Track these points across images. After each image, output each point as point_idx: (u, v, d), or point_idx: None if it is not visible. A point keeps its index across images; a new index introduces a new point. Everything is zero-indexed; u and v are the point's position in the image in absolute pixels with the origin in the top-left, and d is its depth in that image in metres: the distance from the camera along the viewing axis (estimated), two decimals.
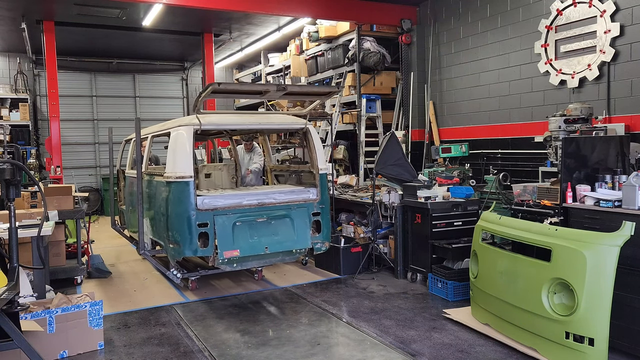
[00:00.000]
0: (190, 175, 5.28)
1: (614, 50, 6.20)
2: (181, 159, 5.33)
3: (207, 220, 5.26)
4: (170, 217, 5.31)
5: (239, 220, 5.40)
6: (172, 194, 5.30)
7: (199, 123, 5.41)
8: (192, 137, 5.39)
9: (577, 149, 4.82)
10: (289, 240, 5.59)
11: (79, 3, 9.17)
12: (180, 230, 5.22)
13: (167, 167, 5.48)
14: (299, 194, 5.85)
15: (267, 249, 5.43)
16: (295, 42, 11.40)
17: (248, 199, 5.56)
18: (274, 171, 7.44)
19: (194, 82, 15.50)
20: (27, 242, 5.00)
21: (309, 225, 5.76)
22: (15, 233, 3.63)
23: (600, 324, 3.63)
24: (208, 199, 5.38)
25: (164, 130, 6.04)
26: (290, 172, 6.91)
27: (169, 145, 5.56)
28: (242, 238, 5.35)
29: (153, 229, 5.92)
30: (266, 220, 5.54)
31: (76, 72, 14.19)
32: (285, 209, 5.66)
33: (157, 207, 5.71)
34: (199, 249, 5.22)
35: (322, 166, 6.01)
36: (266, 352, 4.37)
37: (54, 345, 4.29)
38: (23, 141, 12.41)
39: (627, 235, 3.65)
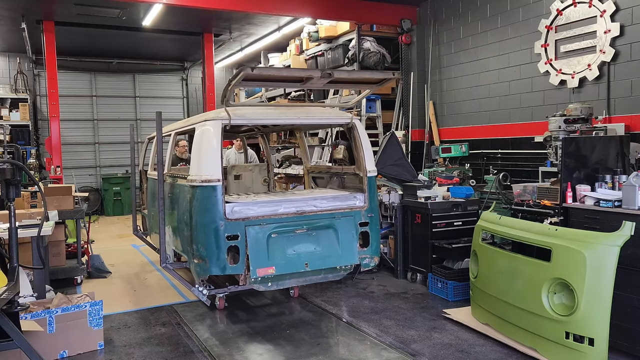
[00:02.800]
0: (218, 178, 4.55)
1: (614, 50, 6.20)
2: (207, 159, 4.63)
3: (237, 231, 4.57)
4: (195, 228, 4.63)
5: (275, 231, 4.70)
6: (196, 201, 4.61)
7: (227, 117, 4.69)
8: (220, 134, 4.65)
9: (577, 149, 4.82)
10: (332, 255, 4.87)
11: (79, 3, 9.17)
12: (206, 243, 4.55)
13: (191, 168, 4.81)
14: (343, 200, 5.09)
15: (307, 266, 4.73)
16: (295, 42, 11.39)
17: (285, 207, 4.83)
18: (312, 173, 6.64)
19: (194, 82, 15.51)
20: (27, 242, 5.00)
21: (355, 238, 5.02)
22: (15, 233, 3.62)
23: (600, 324, 3.63)
24: (239, 207, 4.67)
25: (188, 127, 5.45)
26: (331, 174, 6.10)
27: (193, 144, 4.90)
28: (278, 253, 4.66)
29: (176, 239, 5.28)
30: (306, 231, 4.82)
31: (76, 72, 14.19)
32: (328, 219, 4.94)
33: (180, 215, 5.03)
34: (228, 265, 4.55)
35: (370, 168, 5.24)
36: (266, 352, 4.37)
37: (54, 345, 4.29)
38: (23, 141, 12.41)
39: (627, 235, 3.65)
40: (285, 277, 4.77)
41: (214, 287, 5.18)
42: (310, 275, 4.89)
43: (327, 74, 4.39)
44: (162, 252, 5.09)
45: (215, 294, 5.30)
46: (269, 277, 4.64)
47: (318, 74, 4.42)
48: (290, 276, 4.78)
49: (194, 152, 4.84)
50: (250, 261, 4.56)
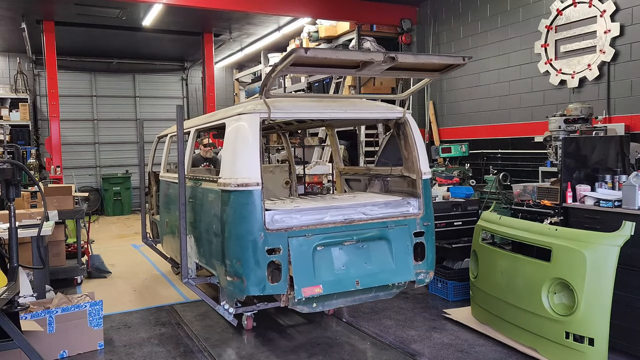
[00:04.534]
0: (258, 182, 3.93)
1: (614, 50, 6.21)
2: (244, 159, 4.01)
3: (278, 244, 3.96)
4: (228, 240, 4.02)
5: (321, 243, 4.09)
6: (230, 208, 3.99)
7: (267, 110, 4.04)
8: (258, 129, 4.04)
9: (577, 149, 4.82)
10: (386, 270, 4.25)
11: (79, 3, 9.17)
12: (243, 258, 3.94)
13: (222, 170, 4.19)
14: (396, 206, 4.45)
15: (358, 284, 4.11)
16: (295, 42, 11.40)
17: (332, 215, 4.19)
18: (345, 175, 5.94)
19: (194, 82, 15.51)
20: (27, 242, 5.00)
21: (410, 250, 4.39)
22: (15, 233, 3.63)
23: (600, 324, 3.63)
24: (280, 215, 4.04)
25: (216, 122, 4.73)
26: (371, 176, 5.44)
27: (224, 142, 4.28)
28: (325, 269, 4.06)
29: (200, 252, 4.67)
30: (356, 243, 4.21)
31: (76, 72, 14.20)
32: (380, 228, 4.31)
33: (207, 224, 4.42)
34: (268, 284, 3.94)
35: (425, 169, 4.56)
36: (266, 353, 4.37)
37: (54, 345, 4.29)
38: (23, 141, 12.41)
39: (627, 235, 3.65)
40: (333, 297, 4.16)
41: (241, 305, 4.61)
42: (361, 294, 4.27)
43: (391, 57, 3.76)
44: (184, 267, 4.45)
45: (243, 312, 4.71)
46: (315, 298, 4.05)
47: (380, 57, 3.75)
48: (338, 296, 4.18)
49: (226, 151, 4.24)
50: (295, 279, 3.94)
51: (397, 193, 4.86)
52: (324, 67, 3.90)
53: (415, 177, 4.57)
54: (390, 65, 3.89)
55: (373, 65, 3.91)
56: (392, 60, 3.79)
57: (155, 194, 6.92)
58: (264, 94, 4.08)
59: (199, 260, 4.73)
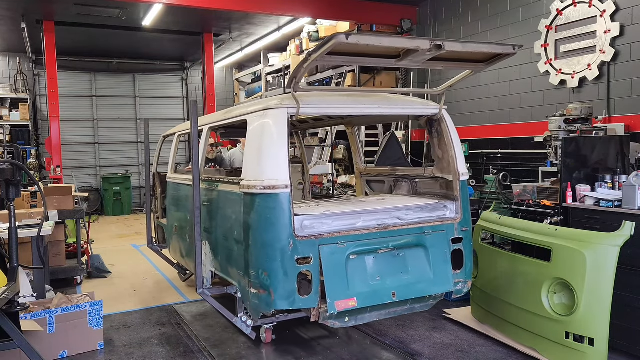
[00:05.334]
0: (286, 184, 3.58)
1: (614, 50, 6.21)
2: (271, 159, 3.65)
3: (309, 252, 3.62)
4: (253, 248, 3.68)
5: (354, 252, 3.76)
6: (256, 213, 3.65)
7: (296, 105, 3.71)
8: (286, 126, 3.68)
9: (577, 149, 4.82)
10: (423, 280, 3.93)
11: (79, 3, 9.17)
12: (271, 268, 3.59)
13: (246, 171, 3.82)
14: (432, 210, 4.13)
15: (394, 295, 3.79)
16: (295, 42, 11.41)
17: (364, 220, 3.86)
18: (366, 176, 5.62)
19: (194, 82, 15.52)
20: (27, 242, 5.00)
21: (449, 258, 4.09)
22: (15, 233, 3.62)
23: (600, 324, 3.63)
24: (310, 220, 3.70)
25: (233, 119, 4.38)
26: (397, 177, 5.15)
27: (247, 140, 3.93)
28: (359, 280, 3.73)
29: (217, 260, 4.35)
30: (391, 251, 3.89)
31: (76, 72, 14.21)
32: (417, 234, 3.98)
33: (226, 230, 4.10)
34: (298, 297, 3.60)
35: (463, 170, 4.25)
36: (266, 352, 4.37)
37: (54, 345, 4.29)
38: (23, 141, 12.42)
39: (627, 235, 3.65)
40: (366, 311, 3.85)
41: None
42: (396, 307, 3.99)
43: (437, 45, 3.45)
44: (199, 276, 4.15)
45: (261, 324, 4.40)
46: (348, 312, 3.74)
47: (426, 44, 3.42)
48: (372, 309, 3.87)
49: (249, 150, 3.88)
50: (327, 291, 3.61)
51: (428, 196, 4.56)
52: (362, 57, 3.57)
53: (452, 178, 4.26)
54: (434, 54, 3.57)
55: (416, 55, 3.55)
56: (438, 49, 3.46)
57: (160, 196, 6.61)
58: (293, 87, 3.68)
59: (216, 269, 4.42)
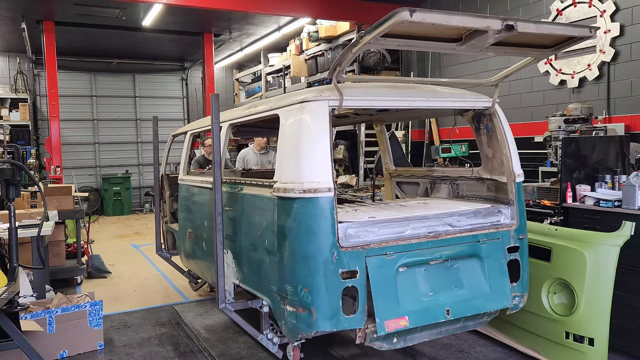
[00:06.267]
0: (329, 186, 3.16)
1: (614, 50, 6.21)
2: (311, 158, 3.21)
3: (355, 265, 3.18)
4: (290, 261, 3.24)
5: (404, 264, 3.34)
6: (294, 220, 3.22)
7: (338, 97, 3.28)
8: (328, 120, 3.27)
9: (577, 149, 4.82)
10: (479, 295, 3.52)
11: (79, 3, 9.18)
12: (312, 284, 3.14)
13: (280, 172, 3.38)
14: (486, 216, 3.72)
15: (448, 313, 3.38)
16: (295, 42, 11.41)
17: (413, 227, 3.45)
18: (397, 177, 5.16)
19: (194, 82, 15.51)
20: (27, 242, 5.01)
21: (506, 269, 3.65)
22: (15, 233, 3.62)
23: (600, 324, 3.63)
24: (354, 228, 3.26)
25: (261, 114, 3.86)
26: (434, 178, 4.73)
27: (280, 138, 3.48)
28: (410, 296, 3.33)
29: (242, 272, 3.92)
30: (443, 262, 3.48)
31: (76, 72, 14.20)
32: (471, 243, 3.57)
33: (255, 239, 3.66)
34: (343, 316, 3.15)
35: (518, 170, 3.84)
36: (266, 353, 4.37)
37: (54, 345, 4.29)
38: (23, 141, 12.42)
39: (627, 235, 3.66)
40: (416, 330, 3.43)
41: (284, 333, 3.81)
42: (448, 325, 3.55)
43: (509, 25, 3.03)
44: (220, 289, 3.74)
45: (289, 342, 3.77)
46: (397, 333, 3.32)
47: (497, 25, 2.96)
48: (423, 328, 3.44)
49: (284, 149, 3.43)
50: (376, 309, 3.18)
51: (473, 199, 4.18)
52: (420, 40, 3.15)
53: (506, 179, 3.85)
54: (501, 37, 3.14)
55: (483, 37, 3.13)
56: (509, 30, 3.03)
57: (168, 199, 6.17)
58: (336, 77, 3.24)
59: (239, 281, 3.98)
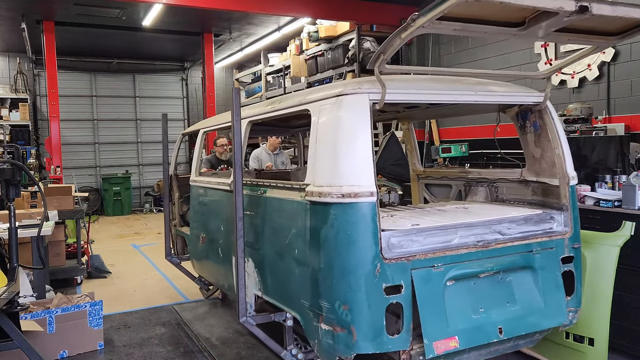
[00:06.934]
0: (372, 190, 2.81)
1: (614, 50, 6.21)
2: (352, 158, 2.86)
3: (400, 279, 2.85)
4: (327, 274, 2.88)
5: (453, 277, 3.02)
6: (331, 228, 2.86)
7: (380, 90, 2.91)
8: (369, 116, 2.90)
9: (577, 149, 4.81)
10: (533, 311, 3.21)
11: (79, 3, 9.18)
12: (352, 300, 2.80)
13: (314, 174, 3.02)
14: (538, 223, 3.40)
15: (501, 332, 3.06)
16: (295, 42, 11.40)
17: (461, 235, 3.12)
18: (425, 179, 4.86)
19: (194, 82, 15.52)
20: (27, 242, 5.00)
21: (561, 282, 3.37)
22: (15, 233, 3.62)
23: (600, 324, 3.63)
24: (397, 237, 2.93)
25: (289, 109, 3.49)
26: (469, 180, 4.39)
27: (311, 135, 3.13)
28: (458, 312, 2.99)
29: (265, 282, 3.59)
30: (493, 274, 3.16)
31: (76, 72, 14.20)
32: (523, 253, 3.26)
33: (282, 247, 3.31)
34: (387, 337, 2.82)
35: (572, 172, 3.51)
36: (266, 352, 4.37)
37: (54, 345, 4.29)
38: (23, 141, 12.42)
39: (627, 235, 3.66)
40: (464, 352, 3.09)
41: (310, 349, 3.52)
42: (499, 344, 3.23)
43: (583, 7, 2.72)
44: (241, 302, 3.41)
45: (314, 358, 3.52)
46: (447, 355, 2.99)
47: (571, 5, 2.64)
48: (471, 349, 3.10)
49: (319, 148, 3.04)
50: (424, 329, 2.86)
51: (515, 203, 3.86)
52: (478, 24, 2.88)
53: (558, 182, 3.50)
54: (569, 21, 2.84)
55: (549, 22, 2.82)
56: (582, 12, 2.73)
57: (178, 201, 5.85)
58: (379, 66, 2.86)
59: (262, 292, 3.65)
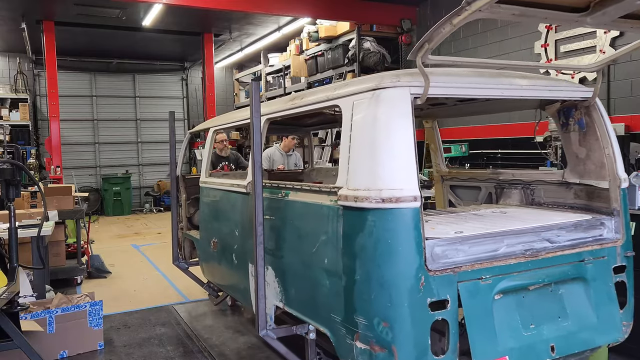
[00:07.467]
0: (415, 195, 2.50)
1: (614, 50, 6.21)
2: (392, 159, 2.54)
3: (446, 293, 2.56)
4: (364, 286, 2.57)
5: (501, 290, 2.73)
6: (368, 235, 2.55)
7: (422, 83, 2.61)
8: (411, 112, 2.58)
9: None
10: (586, 327, 2.96)
11: (79, 3, 9.18)
12: (393, 317, 2.49)
13: (346, 176, 2.69)
14: (587, 229, 3.12)
15: (553, 350, 2.82)
16: (295, 42, 11.41)
17: (507, 243, 2.83)
18: (450, 180, 4.58)
19: (194, 82, 15.52)
20: (27, 242, 5.00)
21: (614, 294, 3.11)
22: (15, 233, 3.62)
23: None
24: (442, 246, 2.63)
25: (315, 105, 3.15)
26: (500, 182, 4.05)
27: (343, 133, 2.80)
28: (509, 329, 2.74)
29: (287, 292, 3.27)
30: (544, 287, 2.89)
31: (76, 72, 14.21)
32: (574, 263, 2.98)
33: (308, 256, 3.01)
34: (432, 357, 2.55)
35: (623, 174, 3.21)
36: (267, 352, 4.37)
37: (54, 345, 4.29)
38: (23, 141, 12.43)
39: None
40: None
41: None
42: None
43: None
44: (261, 314, 3.11)
45: None
46: None
47: None
48: None
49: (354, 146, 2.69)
50: (472, 348, 2.60)
51: (554, 207, 3.60)
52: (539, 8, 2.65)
53: (608, 185, 3.20)
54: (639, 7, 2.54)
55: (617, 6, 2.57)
56: None
57: (185, 202, 5.53)
58: (422, 57, 2.57)
59: (284, 304, 3.31)
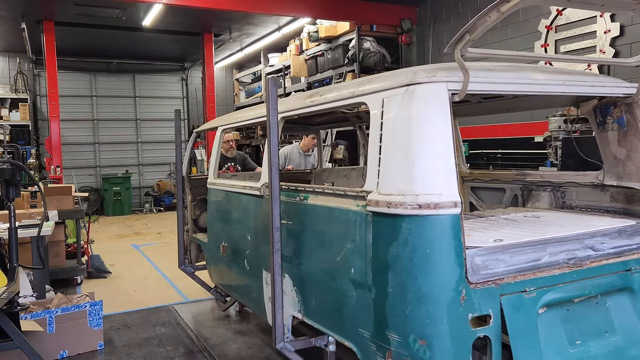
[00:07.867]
0: (455, 200, 2.26)
1: (614, 50, 6.21)
2: (430, 161, 2.31)
3: (488, 308, 2.31)
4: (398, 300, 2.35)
5: (545, 303, 2.50)
6: (402, 245, 2.31)
7: (460, 78, 2.38)
8: (449, 111, 2.36)
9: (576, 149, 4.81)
10: (636, 342, 2.72)
11: (79, 3, 9.18)
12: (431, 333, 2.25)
13: (374, 179, 2.48)
14: (632, 236, 2.86)
15: None
16: (295, 42, 11.41)
17: (550, 252, 2.57)
18: (472, 181, 4.33)
19: (194, 82, 15.52)
20: (27, 242, 5.00)
21: None
22: (15, 233, 3.62)
23: None
24: (482, 256, 2.37)
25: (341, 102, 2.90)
26: (527, 184, 3.87)
27: (371, 133, 2.57)
28: (554, 346, 2.50)
29: (307, 302, 3.06)
30: (589, 299, 2.65)
31: (76, 72, 14.21)
32: (621, 272, 2.73)
33: (333, 265, 2.77)
34: None
35: None
36: (267, 352, 4.37)
37: (54, 345, 4.29)
38: (23, 141, 12.43)
39: None
40: None
41: None
42: None
43: None
44: (278, 325, 2.94)
45: None
46: None
47: None
48: None
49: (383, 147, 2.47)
50: None
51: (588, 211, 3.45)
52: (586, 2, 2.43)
53: None
54: None
55: None
56: None
57: (190, 204, 5.31)
58: (461, 49, 2.35)
59: (303, 315, 3.10)
